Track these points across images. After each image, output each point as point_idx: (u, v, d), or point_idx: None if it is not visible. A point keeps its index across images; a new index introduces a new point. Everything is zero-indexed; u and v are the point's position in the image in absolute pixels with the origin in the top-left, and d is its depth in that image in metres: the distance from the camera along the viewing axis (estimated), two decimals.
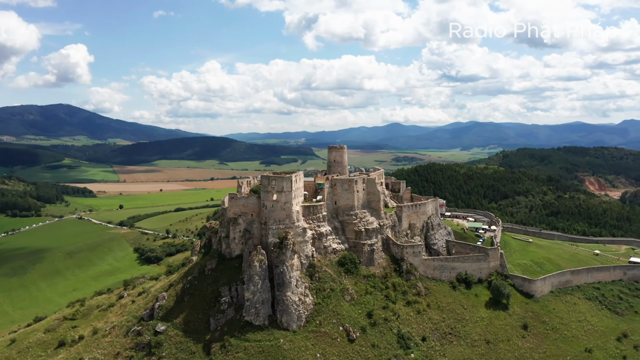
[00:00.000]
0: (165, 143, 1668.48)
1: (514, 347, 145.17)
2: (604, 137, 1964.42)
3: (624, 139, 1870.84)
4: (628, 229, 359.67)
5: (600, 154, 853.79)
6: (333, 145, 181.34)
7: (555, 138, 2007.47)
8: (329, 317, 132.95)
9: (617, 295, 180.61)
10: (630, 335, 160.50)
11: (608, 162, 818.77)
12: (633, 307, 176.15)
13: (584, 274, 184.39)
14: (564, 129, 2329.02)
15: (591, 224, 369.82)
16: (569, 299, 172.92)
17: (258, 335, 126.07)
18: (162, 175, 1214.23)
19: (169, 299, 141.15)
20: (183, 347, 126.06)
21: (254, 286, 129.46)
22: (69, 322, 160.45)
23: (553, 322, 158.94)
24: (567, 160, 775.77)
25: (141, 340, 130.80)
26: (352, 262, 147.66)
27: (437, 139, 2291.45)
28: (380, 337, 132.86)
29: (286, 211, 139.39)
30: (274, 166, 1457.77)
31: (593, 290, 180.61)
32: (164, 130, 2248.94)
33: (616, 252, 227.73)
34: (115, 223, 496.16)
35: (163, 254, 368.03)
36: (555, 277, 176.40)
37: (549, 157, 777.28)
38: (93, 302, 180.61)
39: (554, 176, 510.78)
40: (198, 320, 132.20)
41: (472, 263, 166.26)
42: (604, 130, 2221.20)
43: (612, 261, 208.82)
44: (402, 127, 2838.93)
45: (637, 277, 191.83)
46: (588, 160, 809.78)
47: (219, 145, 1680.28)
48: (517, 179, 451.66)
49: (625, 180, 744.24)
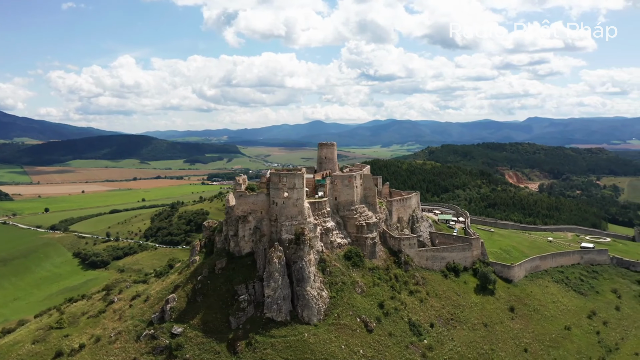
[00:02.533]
0: (79, 142, 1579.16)
1: (507, 329, 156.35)
2: (511, 133, 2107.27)
3: (529, 135, 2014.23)
4: (558, 217, 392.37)
5: (515, 149, 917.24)
6: (323, 142, 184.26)
7: (467, 135, 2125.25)
8: (345, 309, 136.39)
9: (579, 278, 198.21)
10: (598, 313, 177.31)
11: (523, 156, 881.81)
12: (594, 288, 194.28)
13: (549, 259, 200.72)
14: (475, 126, 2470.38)
15: (525, 214, 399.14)
16: (541, 282, 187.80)
17: (282, 331, 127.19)
18: (78, 176, 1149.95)
19: (180, 300, 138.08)
20: (206, 347, 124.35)
21: (274, 282, 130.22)
22: (57, 332, 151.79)
23: (533, 304, 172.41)
24: (487, 156, 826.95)
25: (158, 343, 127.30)
26: (358, 255, 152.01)
27: (358, 136, 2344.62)
28: (395, 326, 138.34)
29: (298, 207, 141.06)
30: (199, 165, 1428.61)
31: (558, 274, 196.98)
32: (75, 129, 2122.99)
33: (565, 239, 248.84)
34: (46, 227, 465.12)
35: (110, 258, 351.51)
36: (528, 263, 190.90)
37: (471, 153, 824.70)
38: (73, 309, 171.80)
39: (486, 171, 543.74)
40: (217, 320, 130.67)
41: (459, 252, 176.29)
42: (511, 127, 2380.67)
43: (565, 247, 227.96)
44: (324, 124, 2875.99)
45: (592, 260, 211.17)
46: (505, 155, 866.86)
47: (137, 143, 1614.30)
48: (454, 174, 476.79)
49: (539, 173, 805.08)
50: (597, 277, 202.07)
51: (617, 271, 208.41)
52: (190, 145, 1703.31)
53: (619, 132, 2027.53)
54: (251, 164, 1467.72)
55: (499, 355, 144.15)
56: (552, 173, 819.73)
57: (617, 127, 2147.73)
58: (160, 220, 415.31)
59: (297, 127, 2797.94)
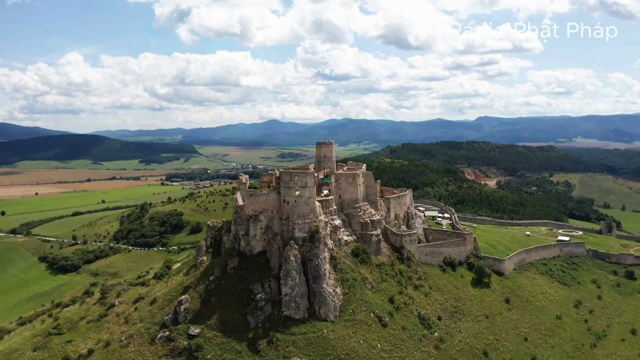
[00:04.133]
0: (26, 142, 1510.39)
1: (506, 320, 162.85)
2: (463, 132, 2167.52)
3: (480, 134, 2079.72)
4: (524, 213, 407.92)
5: (471, 148, 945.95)
6: (322, 142, 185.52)
7: (421, 134, 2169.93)
8: (359, 305, 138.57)
9: (561, 269, 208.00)
10: (584, 302, 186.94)
11: (479, 154, 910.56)
12: (575, 279, 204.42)
13: (533, 253, 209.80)
14: (428, 125, 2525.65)
15: (492, 210, 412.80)
16: (529, 274, 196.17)
17: (302, 328, 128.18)
18: (28, 178, 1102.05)
19: (193, 301, 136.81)
20: (227, 347, 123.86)
21: (291, 281, 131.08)
22: (58, 338, 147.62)
23: (525, 296, 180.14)
24: (446, 154, 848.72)
25: (176, 345, 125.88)
26: (365, 252, 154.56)
27: (315, 135, 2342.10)
28: (406, 320, 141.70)
29: (310, 206, 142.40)
30: (154, 165, 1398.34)
31: (542, 266, 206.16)
32: (20, 128, 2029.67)
33: (540, 233, 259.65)
34: (5, 231, 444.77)
35: (80, 262, 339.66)
36: (516, 256, 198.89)
37: (431, 151, 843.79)
38: (68, 315, 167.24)
39: (450, 169, 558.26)
40: (235, 320, 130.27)
41: (454, 247, 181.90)
42: (462, 126, 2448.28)
43: (543, 241, 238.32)
44: (280, 123, 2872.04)
45: (571, 252, 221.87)
46: (462, 154, 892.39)
47: (88, 143, 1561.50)
48: (422, 172, 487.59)
49: (496, 170, 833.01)
50: (577, 268, 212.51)
51: (594, 262, 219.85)
52: (144, 145, 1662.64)
53: (564, 130, 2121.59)
54: (209, 163, 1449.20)
55: (504, 345, 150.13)
56: (507, 170, 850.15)
57: (563, 125, 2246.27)
58: (129, 222, 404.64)
59: (254, 126, 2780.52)
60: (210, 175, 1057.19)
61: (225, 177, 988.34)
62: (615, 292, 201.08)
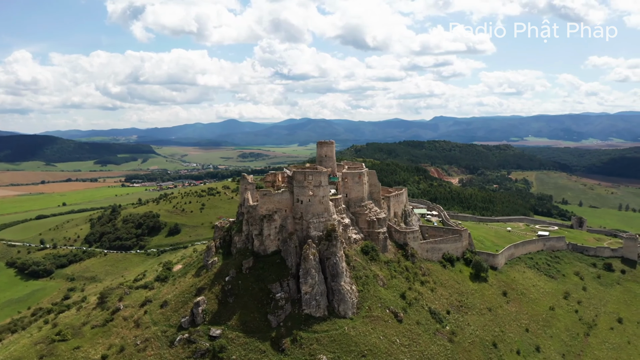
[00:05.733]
0: None
1: (507, 312, 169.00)
2: (420, 131, 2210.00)
3: (436, 133, 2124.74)
4: (493, 209, 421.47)
5: (433, 147, 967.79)
6: (323, 141, 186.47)
7: (379, 133, 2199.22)
8: (374, 302, 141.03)
9: (546, 263, 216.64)
10: (571, 294, 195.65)
11: (440, 153, 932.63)
12: (560, 272, 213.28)
13: (520, 247, 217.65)
14: (386, 125, 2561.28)
15: (463, 207, 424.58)
16: (519, 268, 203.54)
17: (323, 326, 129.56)
18: None
19: (210, 302, 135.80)
20: (251, 347, 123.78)
21: (311, 279, 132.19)
22: (63, 344, 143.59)
23: (519, 289, 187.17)
24: (409, 153, 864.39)
25: (198, 347, 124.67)
26: (374, 249, 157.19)
27: (275, 135, 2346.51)
28: (419, 315, 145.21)
29: (324, 205, 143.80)
30: (111, 166, 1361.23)
31: (529, 260, 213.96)
32: None
33: (519, 229, 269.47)
34: None
35: (53, 267, 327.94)
36: (506, 251, 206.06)
37: (395, 151, 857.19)
38: (67, 321, 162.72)
39: (420, 167, 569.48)
40: (255, 320, 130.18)
41: (452, 244, 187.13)
42: (419, 125, 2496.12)
43: (524, 236, 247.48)
44: (238, 123, 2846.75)
45: (552, 247, 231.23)
46: (425, 153, 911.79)
47: (40, 144, 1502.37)
48: (393, 171, 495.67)
49: (457, 168, 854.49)
50: (560, 261, 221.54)
51: (574, 256, 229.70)
52: (99, 146, 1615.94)
53: (516, 129, 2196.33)
54: (168, 164, 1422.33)
55: (509, 336, 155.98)
56: (468, 168, 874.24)
57: (515, 125, 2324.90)
58: (101, 224, 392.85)
59: (211, 126, 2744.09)
60: (173, 177, 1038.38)
61: (188, 177, 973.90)
62: (597, 284, 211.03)
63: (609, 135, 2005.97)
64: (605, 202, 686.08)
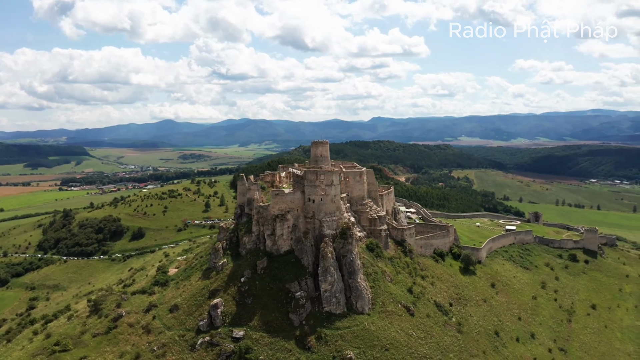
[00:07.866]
0: None
1: (499, 303, 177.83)
2: (359, 132, 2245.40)
3: (374, 134, 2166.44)
4: (449, 207, 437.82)
5: (378, 147, 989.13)
6: (317, 141, 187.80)
7: (319, 134, 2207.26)
8: (386, 297, 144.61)
9: (519, 255, 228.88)
10: (547, 284, 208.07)
11: (385, 153, 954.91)
12: (533, 263, 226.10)
13: (497, 241, 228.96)
14: (325, 125, 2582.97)
15: (422, 205, 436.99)
16: (498, 261, 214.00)
17: (345, 323, 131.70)
18: None
19: (227, 304, 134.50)
20: (277, 347, 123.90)
21: (331, 277, 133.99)
22: (66, 354, 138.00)
23: (504, 280, 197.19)
24: (357, 153, 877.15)
25: (223, 349, 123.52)
26: (378, 247, 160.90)
27: (214, 135, 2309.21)
28: (427, 308, 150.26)
29: (336, 204, 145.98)
30: (42, 169, 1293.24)
31: (504, 253, 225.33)
32: None
33: (486, 224, 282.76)
34: None
35: (7, 276, 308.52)
36: (487, 245, 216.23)
37: (343, 151, 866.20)
38: (61, 330, 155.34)
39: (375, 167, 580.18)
40: (277, 319, 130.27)
41: (441, 239, 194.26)
42: (358, 126, 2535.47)
43: (493, 231, 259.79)
44: (175, 123, 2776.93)
45: (522, 240, 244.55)
46: (371, 152, 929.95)
47: None
48: None
49: (403, 168, 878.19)
50: (530, 254, 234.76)
51: (542, 248, 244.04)
52: (27, 148, 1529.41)
53: (450, 130, 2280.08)
54: (104, 166, 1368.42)
55: (507, 325, 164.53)
56: (412, 167, 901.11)
57: (449, 125, 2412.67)
58: (54, 230, 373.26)
59: (146, 127, 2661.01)
60: (112, 179, 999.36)
61: (130, 180, 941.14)
62: (567, 273, 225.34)
63: (535, 135, 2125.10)
64: (542, 197, 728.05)
